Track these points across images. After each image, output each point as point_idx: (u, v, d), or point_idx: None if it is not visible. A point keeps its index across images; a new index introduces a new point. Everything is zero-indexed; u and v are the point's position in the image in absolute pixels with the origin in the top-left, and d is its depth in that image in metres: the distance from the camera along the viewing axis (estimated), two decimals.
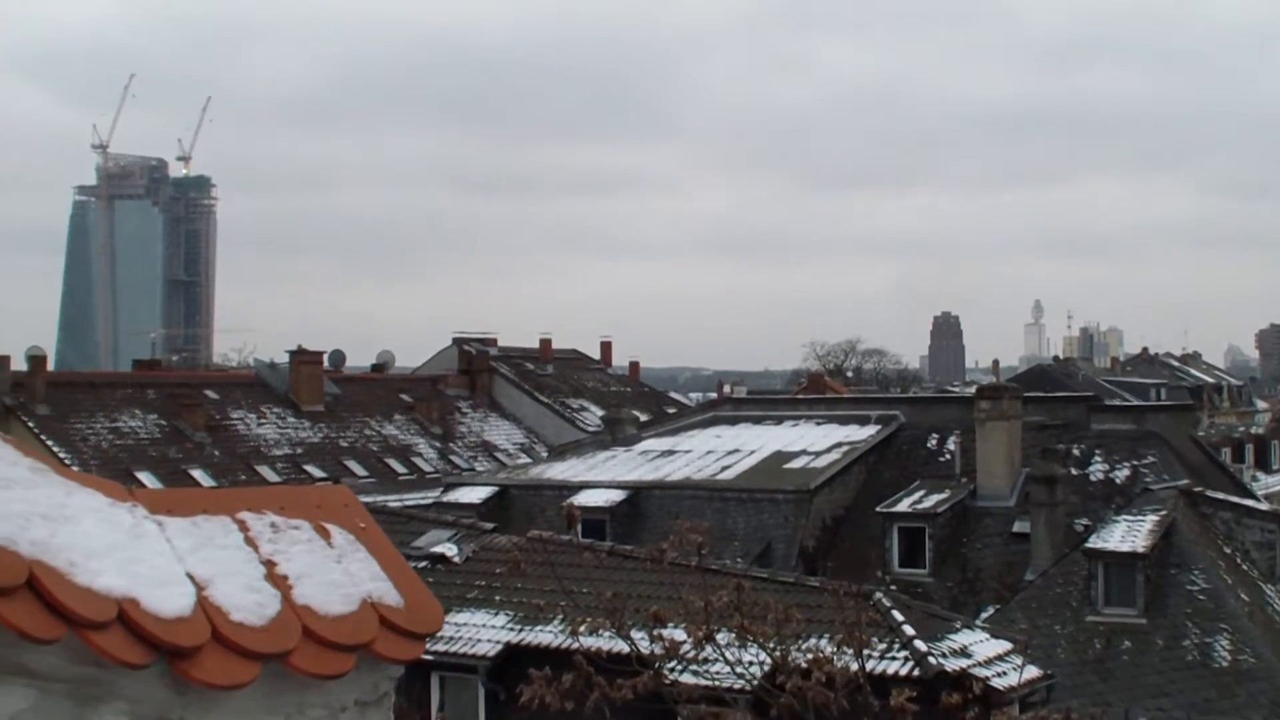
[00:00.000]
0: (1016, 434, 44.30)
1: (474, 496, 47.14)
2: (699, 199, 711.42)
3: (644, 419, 60.56)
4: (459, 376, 76.86)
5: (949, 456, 46.03)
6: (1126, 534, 35.57)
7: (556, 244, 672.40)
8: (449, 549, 31.86)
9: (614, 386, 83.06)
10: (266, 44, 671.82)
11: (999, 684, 23.82)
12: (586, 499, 43.41)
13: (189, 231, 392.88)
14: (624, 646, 11.82)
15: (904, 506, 42.36)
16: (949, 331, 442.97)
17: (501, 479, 50.95)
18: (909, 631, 25.55)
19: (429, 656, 20.52)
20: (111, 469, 50.45)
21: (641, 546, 26.51)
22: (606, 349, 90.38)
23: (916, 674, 23.89)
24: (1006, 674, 24.70)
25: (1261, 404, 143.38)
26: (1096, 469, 43.90)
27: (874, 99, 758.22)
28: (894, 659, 24.86)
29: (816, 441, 48.28)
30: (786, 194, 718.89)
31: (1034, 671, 26.25)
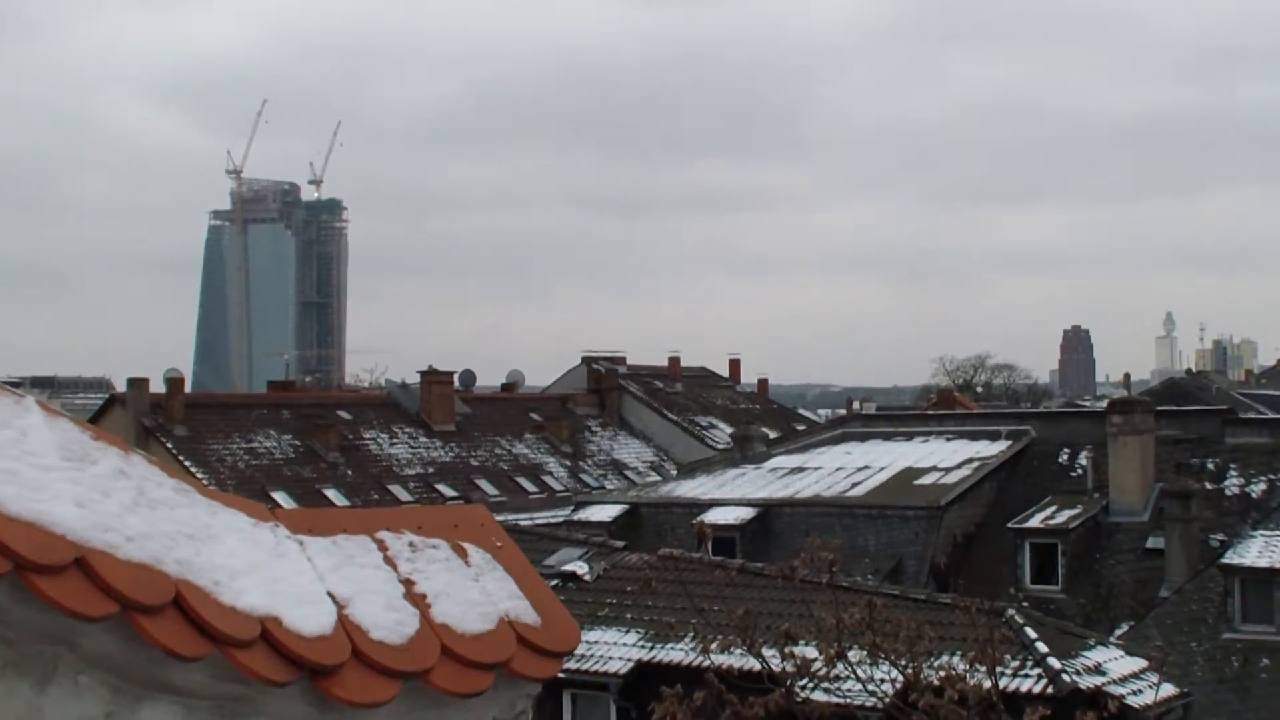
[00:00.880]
0: (1150, 448, 43.67)
1: (604, 515, 47.21)
2: (828, 215, 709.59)
3: (773, 436, 60.40)
4: (588, 395, 77.10)
5: (1081, 472, 45.46)
6: (1264, 549, 34.91)
7: (684, 262, 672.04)
8: (580, 567, 31.96)
9: (742, 404, 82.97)
10: (395, 68, 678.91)
11: (1134, 702, 23.53)
12: (716, 516, 43.30)
13: (321, 254, 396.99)
14: (755, 664, 11.82)
15: (1036, 522, 41.90)
16: (1079, 345, 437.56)
17: (631, 497, 51.01)
18: (1042, 649, 25.30)
19: (561, 674, 20.60)
20: (247, 489, 51.06)
21: (772, 564, 26.43)
22: (735, 366, 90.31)
23: (1050, 692, 23.65)
24: (1142, 692, 24.38)
25: None
26: (1232, 483, 43.14)
27: (1004, 111, 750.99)
28: (1027, 676, 24.62)
29: (947, 457, 47.91)
30: (915, 209, 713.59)
31: (1170, 690, 25.87)
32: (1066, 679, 24.21)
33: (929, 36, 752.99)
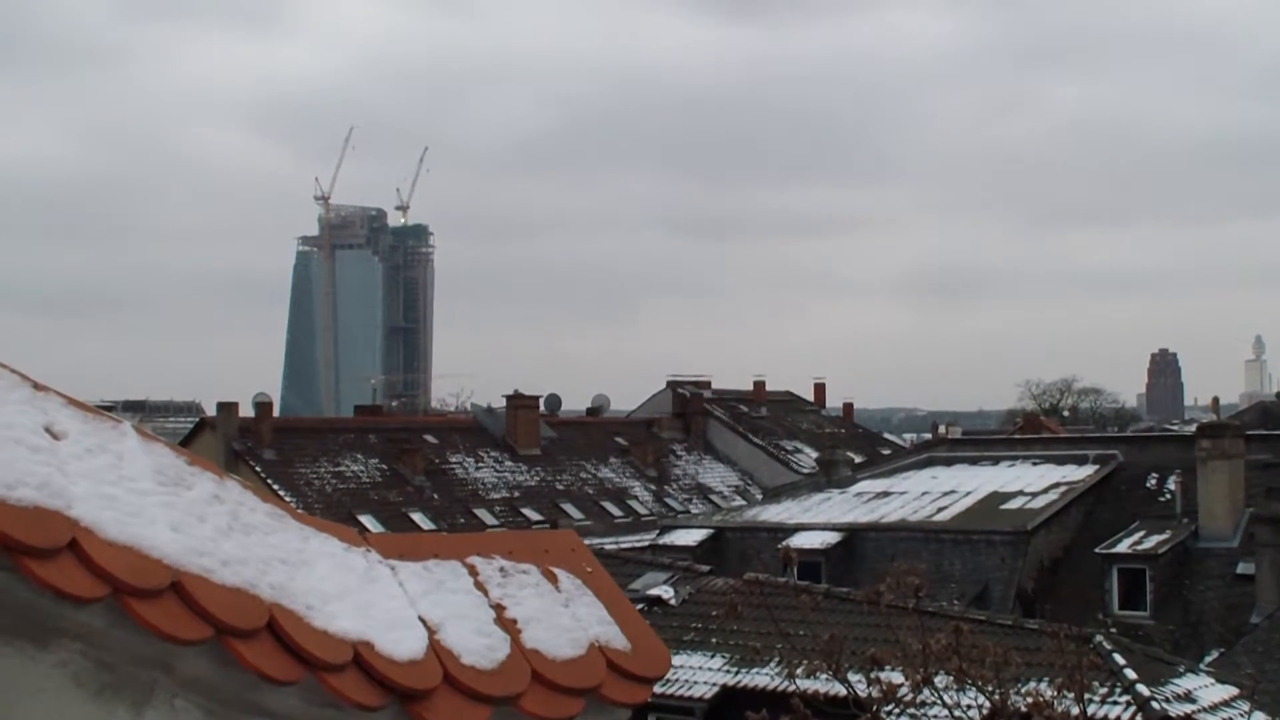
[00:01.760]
0: (1239, 473, 43.22)
1: (689, 539, 47.23)
2: (913, 238, 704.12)
3: (858, 460, 60.24)
4: (673, 419, 77.14)
5: (1169, 496, 45.06)
6: None
7: (769, 286, 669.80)
8: (665, 591, 31.93)
9: (828, 428, 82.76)
10: (481, 92, 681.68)
11: None
12: (802, 541, 43.18)
13: (408, 279, 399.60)
14: (841, 689, 11.78)
15: (1124, 547, 41.57)
16: (1167, 369, 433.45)
17: (717, 521, 51.01)
18: (1131, 675, 25.04)
19: None
20: (334, 512, 51.43)
21: (857, 589, 26.30)
22: (820, 390, 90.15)
23: (1139, 719, 23.41)
24: None
25: None
26: None
27: (1091, 132, 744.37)
28: (1115, 703, 24.38)
29: (1033, 482, 47.62)
30: (1002, 231, 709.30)
31: (1262, 718, 25.55)
32: (1155, 706, 23.96)
33: (1016, 58, 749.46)
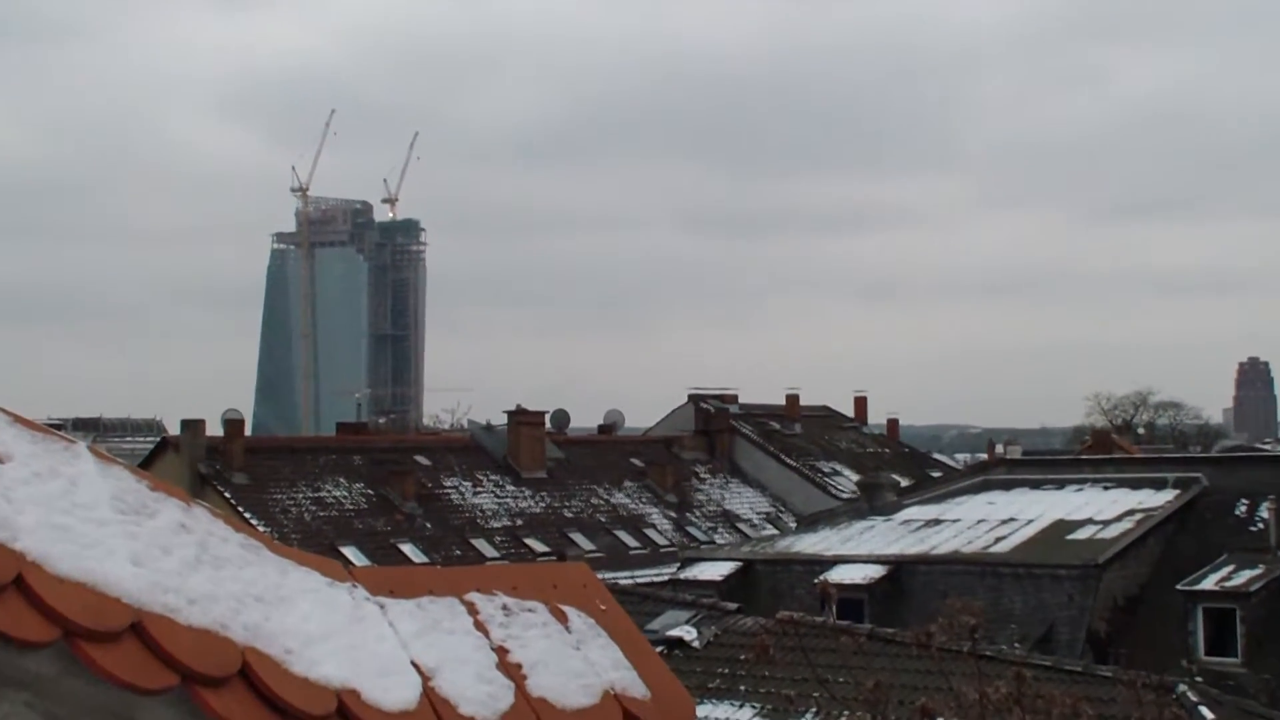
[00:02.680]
0: None
1: (715, 573, 47.21)
2: (967, 235, 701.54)
3: (905, 484, 60.23)
4: (696, 438, 77.14)
5: (1262, 525, 44.96)
6: None
7: (803, 289, 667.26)
8: (687, 632, 31.92)
9: (870, 447, 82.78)
10: (479, 72, 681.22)
11: None
12: (842, 575, 43.17)
13: (396, 281, 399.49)
14: None
15: (1210, 584, 41.46)
16: (1257, 380, 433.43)
17: (745, 553, 50.97)
18: None
19: None
20: (314, 543, 51.41)
21: (905, 629, 26.31)
22: (861, 405, 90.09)
23: None
24: None
25: None
26: None
27: (1166, 116, 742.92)
28: None
29: (1104, 509, 47.55)
30: (1066, 227, 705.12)
31: None
32: None
33: (1080, 36, 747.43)
